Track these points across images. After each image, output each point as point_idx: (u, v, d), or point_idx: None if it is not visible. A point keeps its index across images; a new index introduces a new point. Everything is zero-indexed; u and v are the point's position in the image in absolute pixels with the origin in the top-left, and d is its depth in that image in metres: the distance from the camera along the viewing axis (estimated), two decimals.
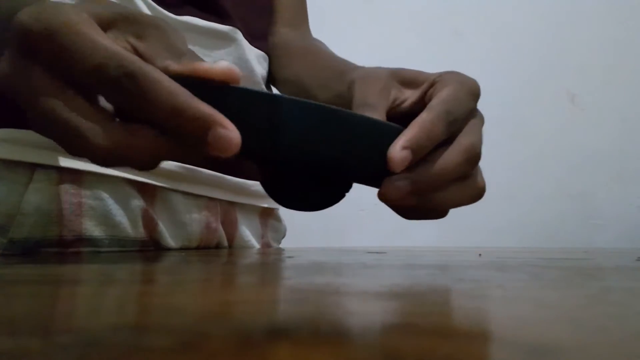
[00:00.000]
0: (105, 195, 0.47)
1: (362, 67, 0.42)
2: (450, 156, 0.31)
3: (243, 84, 0.25)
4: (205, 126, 0.24)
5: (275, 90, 0.62)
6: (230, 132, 0.24)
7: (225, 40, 0.55)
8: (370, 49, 1.36)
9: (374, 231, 1.43)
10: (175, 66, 0.25)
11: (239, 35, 0.56)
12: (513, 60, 1.49)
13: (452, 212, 0.35)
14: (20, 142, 0.45)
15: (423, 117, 0.30)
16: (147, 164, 0.26)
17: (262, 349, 0.10)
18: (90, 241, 0.46)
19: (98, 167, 0.47)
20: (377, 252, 0.53)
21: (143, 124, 0.25)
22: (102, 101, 0.26)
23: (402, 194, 0.30)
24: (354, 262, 0.36)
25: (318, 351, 0.10)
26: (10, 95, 0.25)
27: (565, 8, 1.53)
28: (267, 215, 0.65)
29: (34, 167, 0.45)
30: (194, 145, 0.24)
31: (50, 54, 0.24)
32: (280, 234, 0.69)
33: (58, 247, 0.45)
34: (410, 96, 0.35)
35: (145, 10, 0.49)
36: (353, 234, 1.42)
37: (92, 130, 0.24)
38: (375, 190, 0.31)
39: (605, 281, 0.25)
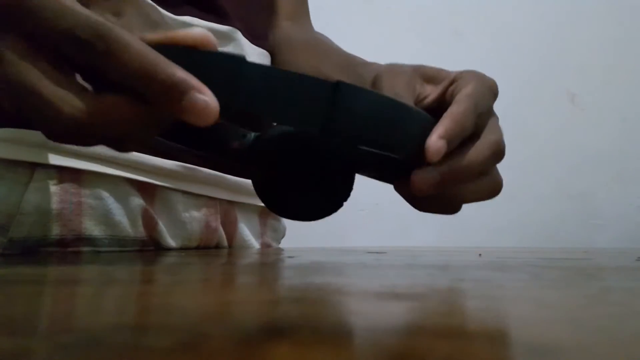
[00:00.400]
0: (105, 194, 0.47)
1: (378, 63, 0.42)
2: (479, 150, 0.31)
3: None
4: (180, 90, 0.23)
5: None
6: (207, 97, 0.23)
7: (225, 40, 0.55)
8: (370, 49, 1.36)
9: (374, 231, 1.43)
10: (150, 35, 0.25)
11: (238, 35, 0.56)
12: (513, 60, 1.49)
13: None
14: (21, 141, 0.45)
15: (454, 110, 0.31)
16: (120, 141, 0.25)
17: (262, 349, 0.10)
18: (90, 241, 0.46)
19: (98, 167, 0.47)
20: (377, 252, 0.53)
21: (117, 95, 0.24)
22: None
23: (431, 184, 0.30)
24: (354, 262, 0.36)
25: (318, 351, 0.10)
26: None
27: (565, 8, 1.53)
28: (266, 214, 0.65)
29: (34, 166, 0.45)
30: (168, 112, 0.23)
31: (19, 19, 0.23)
32: (280, 233, 0.69)
33: (58, 246, 0.45)
34: (431, 92, 0.36)
35: None
36: (353, 234, 1.42)
37: (64, 99, 0.23)
38: (375, 191, 0.31)
39: (605, 281, 0.25)
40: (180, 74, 0.23)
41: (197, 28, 0.25)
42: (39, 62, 0.24)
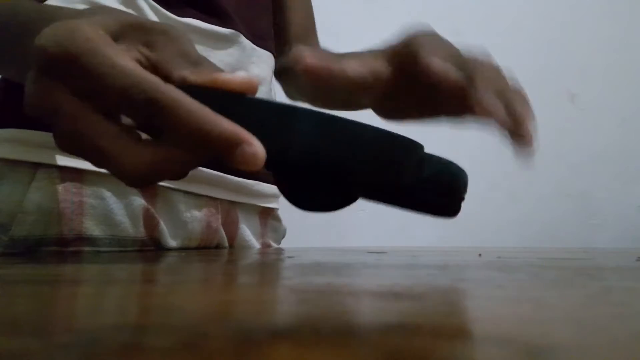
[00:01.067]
0: (107, 194, 0.47)
1: None
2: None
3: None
4: (231, 144, 0.24)
5: (281, 90, 0.62)
6: (256, 148, 0.24)
7: (227, 42, 0.55)
8: None
9: (374, 231, 1.43)
10: (193, 77, 0.26)
11: (241, 38, 0.56)
12: (513, 60, 1.49)
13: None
14: (23, 141, 0.46)
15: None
16: (174, 177, 0.26)
17: (262, 349, 0.10)
18: (90, 240, 0.46)
19: None
20: (377, 252, 0.53)
21: (169, 141, 0.25)
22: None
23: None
24: (354, 262, 0.36)
25: (318, 351, 0.10)
26: (39, 116, 0.25)
27: (566, 8, 1.53)
28: (267, 215, 0.65)
29: (36, 166, 0.45)
30: (221, 159, 0.25)
31: (73, 77, 0.24)
32: (280, 234, 0.69)
33: (58, 245, 0.45)
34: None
35: (148, 10, 0.49)
36: (353, 234, 1.42)
37: (122, 154, 0.24)
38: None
39: (605, 281, 0.25)
40: (232, 128, 0.24)
41: (241, 72, 0.25)
42: (93, 116, 0.24)
